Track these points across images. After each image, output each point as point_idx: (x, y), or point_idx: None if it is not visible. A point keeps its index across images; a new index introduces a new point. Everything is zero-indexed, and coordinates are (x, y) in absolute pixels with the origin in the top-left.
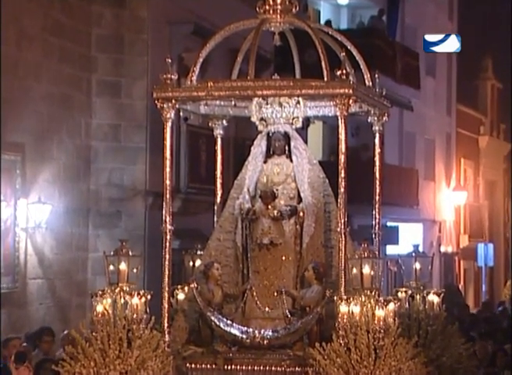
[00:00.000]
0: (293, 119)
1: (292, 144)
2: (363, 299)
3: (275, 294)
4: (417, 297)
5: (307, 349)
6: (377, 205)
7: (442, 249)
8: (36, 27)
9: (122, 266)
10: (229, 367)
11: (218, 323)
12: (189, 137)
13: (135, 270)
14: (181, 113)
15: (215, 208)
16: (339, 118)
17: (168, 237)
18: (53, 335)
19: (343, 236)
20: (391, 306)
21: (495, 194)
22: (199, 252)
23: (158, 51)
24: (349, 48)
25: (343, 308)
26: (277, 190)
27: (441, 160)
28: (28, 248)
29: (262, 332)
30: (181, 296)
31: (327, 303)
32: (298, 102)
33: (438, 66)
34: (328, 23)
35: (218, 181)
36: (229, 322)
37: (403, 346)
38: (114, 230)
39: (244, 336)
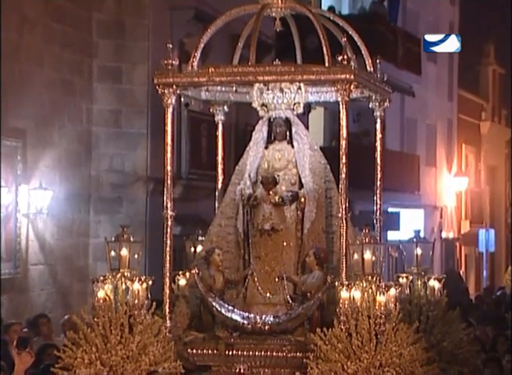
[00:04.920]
0: (295, 104)
1: (293, 129)
2: (364, 285)
3: (277, 279)
4: (418, 282)
5: (309, 335)
6: (378, 191)
7: (444, 235)
8: (37, 13)
9: (124, 252)
10: (231, 353)
11: (219, 309)
12: (190, 123)
13: (136, 256)
14: (182, 99)
15: (216, 194)
16: (341, 103)
17: (169, 222)
18: (48, 318)
19: (344, 222)
20: (392, 292)
21: (496, 179)
22: (200, 238)
23: (158, 36)
24: (350, 33)
25: (344, 293)
26: (278, 175)
27: (442, 146)
28: (29, 233)
29: (263, 318)
30: (182, 282)
31: (328, 289)
32: (299, 88)
33: None
34: (331, 9)
35: (219, 167)
36: (230, 307)
37: (404, 331)
38: (115, 215)
39: (245, 321)
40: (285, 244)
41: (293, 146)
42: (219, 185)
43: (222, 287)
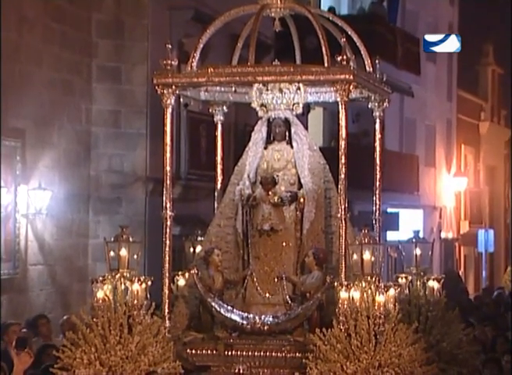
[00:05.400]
0: (294, 105)
1: (292, 130)
2: (363, 285)
3: (276, 280)
4: (418, 283)
5: (308, 335)
6: (377, 191)
7: (443, 235)
8: (36, 13)
9: (123, 252)
10: (230, 353)
11: (218, 309)
12: (189, 123)
13: (135, 256)
14: (181, 99)
15: (216, 194)
16: (340, 104)
17: (168, 223)
18: (47, 318)
19: (343, 222)
20: (391, 292)
21: (495, 180)
22: (199, 238)
23: (158, 36)
24: (349, 33)
25: (344, 294)
26: (277, 176)
27: (441, 146)
28: (29, 234)
29: (263, 318)
30: (181, 282)
31: (327, 289)
32: (298, 88)
33: None
34: (331, 9)
35: (219, 167)
36: (229, 308)
37: (404, 332)
38: (114, 216)
39: (245, 322)
40: (284, 244)
41: (292, 146)
42: (218, 185)
43: (222, 287)
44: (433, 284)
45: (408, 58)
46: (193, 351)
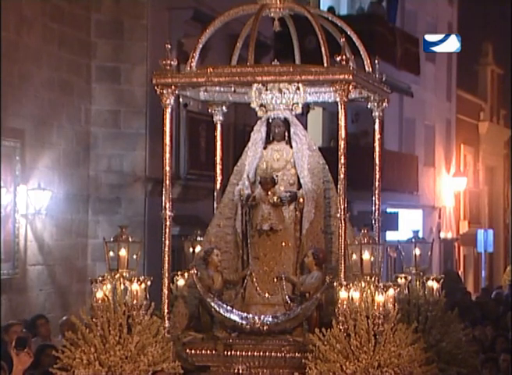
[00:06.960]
0: (293, 105)
1: (292, 130)
2: (363, 285)
3: (275, 280)
4: (417, 283)
5: (307, 335)
6: (377, 191)
7: (442, 235)
8: (35, 13)
9: (122, 252)
10: (229, 353)
11: (217, 309)
12: (188, 124)
13: (135, 256)
14: (181, 99)
15: (215, 194)
16: (339, 104)
17: (167, 223)
18: (46, 318)
19: (342, 222)
20: (391, 292)
21: (495, 180)
22: (199, 238)
23: (157, 36)
24: (349, 33)
25: (343, 294)
26: (277, 176)
27: (441, 146)
28: (28, 234)
29: (262, 318)
30: (181, 282)
31: (327, 289)
32: (298, 88)
33: None
34: (331, 9)
35: (218, 167)
36: (228, 308)
37: (403, 332)
38: (114, 216)
39: (244, 322)
40: (283, 244)
41: (291, 146)
42: (218, 185)
43: (221, 287)
44: (432, 284)
45: (407, 58)
46: (193, 352)
